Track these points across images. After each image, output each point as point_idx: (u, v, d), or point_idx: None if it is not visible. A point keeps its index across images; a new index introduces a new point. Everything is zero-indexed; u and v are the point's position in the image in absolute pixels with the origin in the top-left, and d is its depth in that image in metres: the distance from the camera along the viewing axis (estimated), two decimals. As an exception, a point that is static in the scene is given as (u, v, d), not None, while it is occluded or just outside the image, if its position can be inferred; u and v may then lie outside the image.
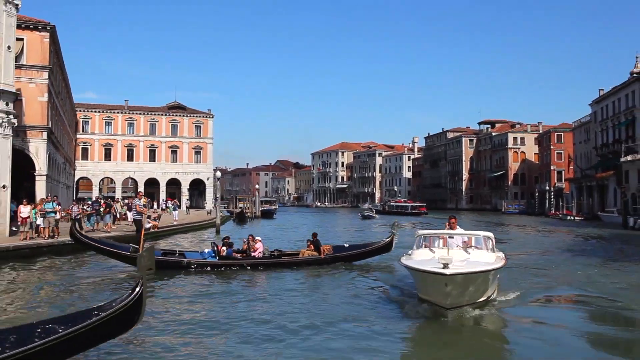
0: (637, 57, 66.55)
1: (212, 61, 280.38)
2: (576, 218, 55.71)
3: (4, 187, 21.28)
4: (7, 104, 21.36)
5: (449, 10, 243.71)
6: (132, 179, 72.45)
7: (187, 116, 74.14)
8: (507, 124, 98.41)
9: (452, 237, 12.03)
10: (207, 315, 10.26)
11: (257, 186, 52.82)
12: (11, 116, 21.52)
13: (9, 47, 21.35)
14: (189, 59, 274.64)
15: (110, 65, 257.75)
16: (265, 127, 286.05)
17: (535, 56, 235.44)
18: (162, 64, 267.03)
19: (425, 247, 11.87)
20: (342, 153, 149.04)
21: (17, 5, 21.61)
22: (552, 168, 78.63)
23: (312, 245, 16.60)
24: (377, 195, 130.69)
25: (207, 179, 74.66)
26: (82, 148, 68.09)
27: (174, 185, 72.88)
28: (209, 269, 15.18)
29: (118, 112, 71.35)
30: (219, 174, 40.46)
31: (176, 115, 73.70)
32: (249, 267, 15.42)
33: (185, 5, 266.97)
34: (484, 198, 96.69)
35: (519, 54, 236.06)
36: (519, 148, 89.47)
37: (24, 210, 20.13)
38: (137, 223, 19.65)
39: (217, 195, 37.52)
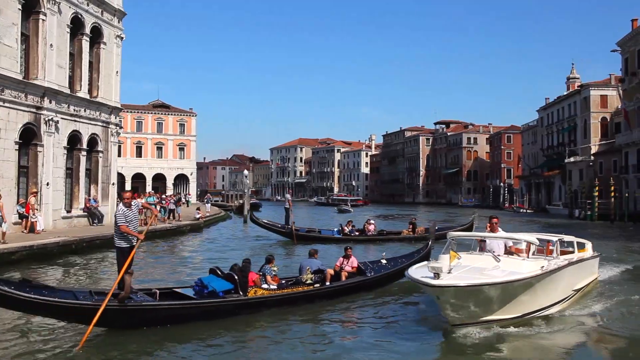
0: (572, 64, 76.77)
1: (167, 54, 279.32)
2: (527, 210, 64.67)
3: (113, 184, 26.51)
4: (115, 117, 26.54)
5: (405, 13, 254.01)
6: (119, 173, 75.85)
7: (171, 114, 78.45)
8: (461, 124, 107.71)
9: (485, 241, 10.79)
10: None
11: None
12: (118, 127, 26.72)
13: (117, 72, 26.49)
14: (142, 50, 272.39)
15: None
16: (219, 121, 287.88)
17: (485, 61, 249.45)
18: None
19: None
20: (301, 149, 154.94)
21: (122, 37, 26.74)
22: (502, 166, 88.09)
23: (411, 226, 23.42)
24: (336, 189, 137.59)
25: (191, 174, 79.47)
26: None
27: (159, 180, 77.13)
28: (337, 242, 22.03)
29: (105, 110, 74.63)
30: (246, 172, 45.87)
31: (161, 114, 77.87)
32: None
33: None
34: (439, 193, 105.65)
35: (470, 58, 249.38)
36: (472, 147, 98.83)
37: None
38: (287, 212, 25.73)
39: (248, 190, 42.83)
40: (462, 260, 9.48)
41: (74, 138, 23.46)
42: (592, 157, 56.30)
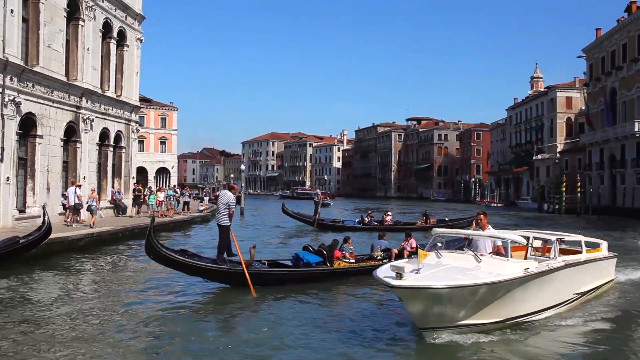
0: (536, 64, 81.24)
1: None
2: (498, 205, 68.62)
3: (133, 178, 28.34)
4: (135, 115, 28.36)
5: (377, 11, 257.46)
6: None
7: (153, 108, 79.39)
8: (432, 121, 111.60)
9: (470, 239, 9.90)
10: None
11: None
12: (137, 124, 28.55)
13: (137, 73, 28.27)
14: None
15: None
16: (189, 114, 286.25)
17: (456, 60, 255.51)
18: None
19: (434, 249, 9.46)
20: (273, 143, 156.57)
21: (142, 40, 28.52)
22: (472, 162, 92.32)
23: (424, 218, 26.19)
24: (308, 183, 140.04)
25: (172, 168, 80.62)
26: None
27: (140, 173, 77.90)
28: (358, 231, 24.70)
29: (87, 103, 75.10)
30: (243, 167, 47.80)
31: (143, 108, 78.57)
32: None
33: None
34: (410, 187, 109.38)
35: (441, 56, 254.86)
36: (443, 143, 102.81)
37: (160, 195, 27.51)
38: (316, 205, 28.16)
39: (243, 184, 44.84)
40: (443, 258, 8.89)
41: (103, 135, 25.24)
42: (558, 155, 60.40)
